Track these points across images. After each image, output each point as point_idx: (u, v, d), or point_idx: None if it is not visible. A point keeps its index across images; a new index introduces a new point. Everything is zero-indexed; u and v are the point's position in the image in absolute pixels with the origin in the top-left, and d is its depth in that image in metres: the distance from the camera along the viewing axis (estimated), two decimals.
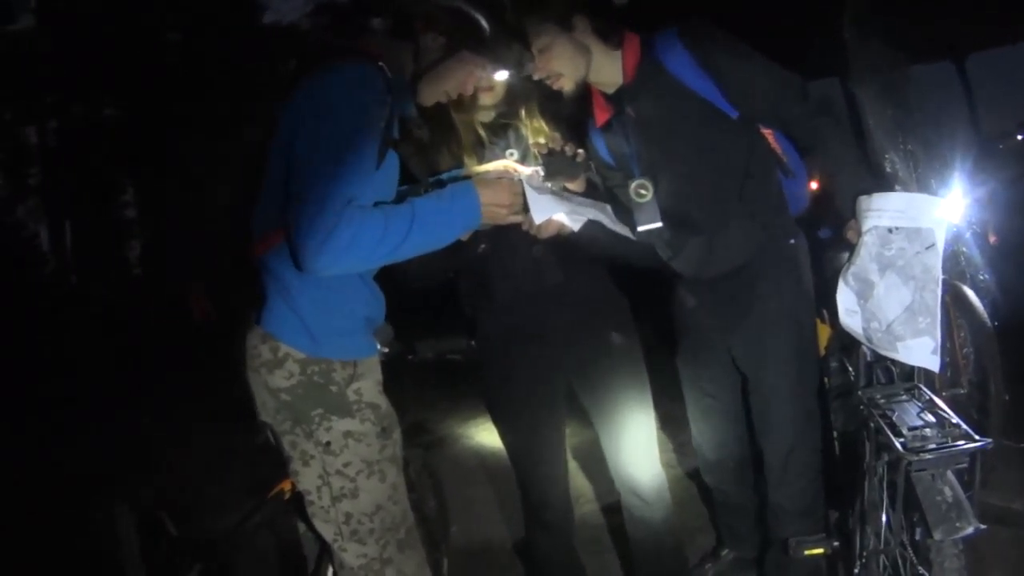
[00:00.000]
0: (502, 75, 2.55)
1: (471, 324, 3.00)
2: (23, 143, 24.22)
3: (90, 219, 23.31)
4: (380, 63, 2.23)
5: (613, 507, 3.50)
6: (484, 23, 2.32)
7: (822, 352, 3.20)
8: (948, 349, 3.77)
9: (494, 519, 4.56)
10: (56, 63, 21.80)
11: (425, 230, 2.19)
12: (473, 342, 2.94)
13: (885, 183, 2.99)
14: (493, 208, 2.35)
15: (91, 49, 20.76)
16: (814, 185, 3.34)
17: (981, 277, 4.32)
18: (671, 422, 4.41)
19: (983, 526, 2.07)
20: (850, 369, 2.98)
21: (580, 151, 2.68)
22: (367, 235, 2.07)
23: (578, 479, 4.64)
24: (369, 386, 2.33)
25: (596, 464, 3.92)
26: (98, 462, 5.83)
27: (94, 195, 23.05)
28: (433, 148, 2.83)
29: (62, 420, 7.94)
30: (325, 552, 2.53)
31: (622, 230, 2.73)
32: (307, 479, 2.30)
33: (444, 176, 2.66)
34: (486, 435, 5.74)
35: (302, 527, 2.65)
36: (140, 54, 20.77)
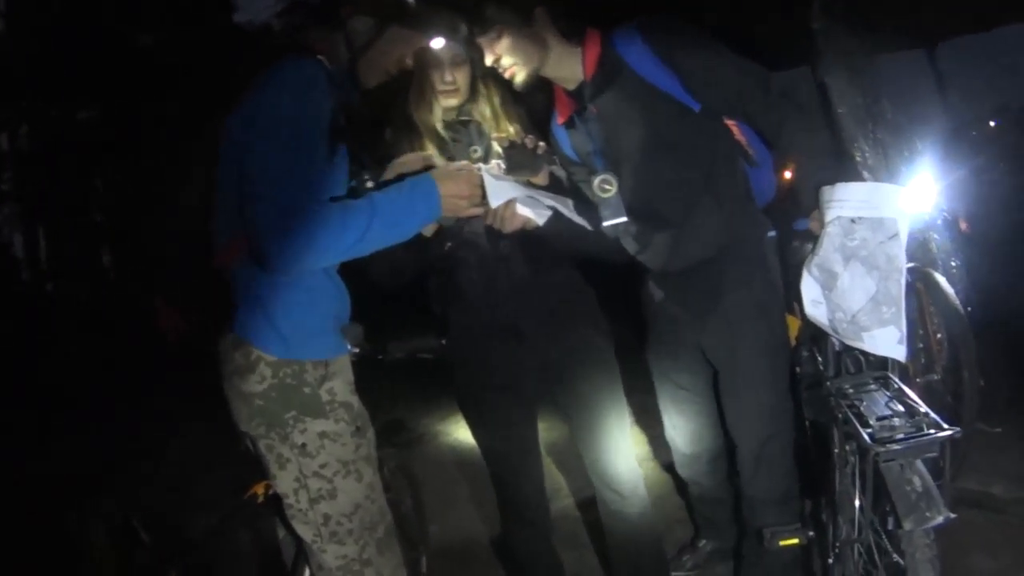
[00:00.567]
0: (438, 43, 2.55)
1: (441, 322, 2.99)
2: None
3: (64, 224, 23.19)
4: (319, 56, 2.25)
5: (590, 502, 3.49)
6: None
7: (793, 343, 3.20)
8: (921, 336, 3.80)
9: (472, 517, 4.57)
10: (27, 68, 21.67)
11: (385, 223, 2.21)
12: (444, 340, 2.93)
13: (850, 172, 3.00)
14: (453, 199, 2.36)
15: (63, 53, 20.65)
16: (788, 175, 3.35)
17: (952, 264, 4.36)
18: (646, 415, 4.41)
19: (953, 515, 2.08)
20: (819, 359, 2.99)
21: (542, 144, 2.69)
22: (326, 231, 2.08)
23: (554, 474, 4.65)
24: (341, 385, 2.34)
25: (571, 459, 3.93)
26: (74, 468, 5.81)
27: (68, 200, 22.93)
28: (395, 147, 2.82)
29: (39, 425, 7.93)
30: (302, 554, 2.52)
31: (583, 222, 2.73)
32: (284, 482, 2.30)
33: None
34: (462, 433, 5.72)
35: (280, 529, 2.65)
36: (113, 57, 20.68)
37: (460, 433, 5.82)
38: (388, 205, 2.23)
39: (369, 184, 2.41)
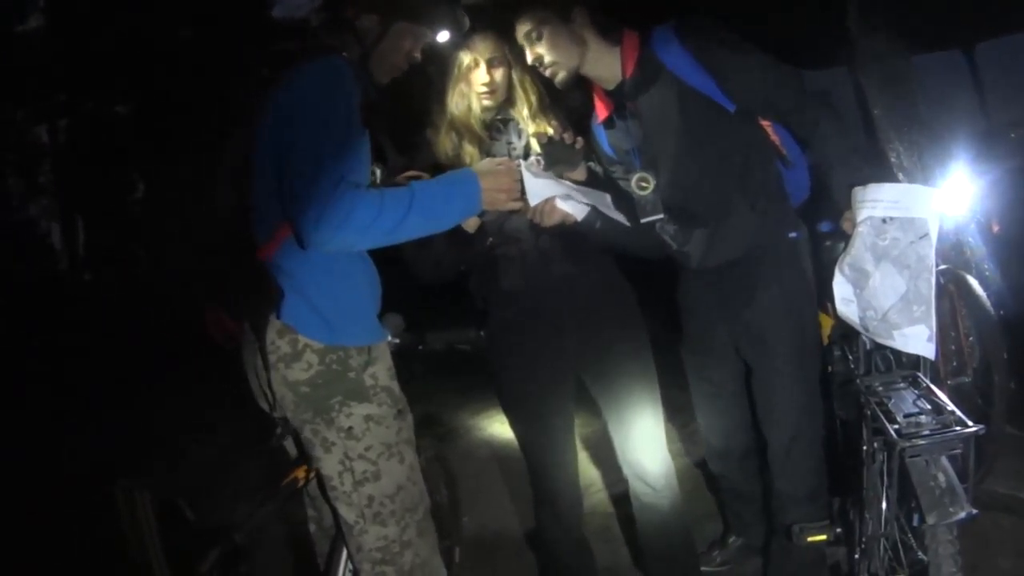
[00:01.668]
0: (443, 36, 2.61)
1: (482, 316, 3.05)
2: (34, 142, 24.28)
3: (101, 217, 23.38)
4: (343, 53, 2.35)
5: (622, 496, 3.54)
6: None
7: (825, 341, 3.23)
8: (953, 338, 3.79)
9: (504, 510, 4.60)
10: (67, 62, 21.84)
11: (424, 212, 2.28)
12: (483, 333, 2.99)
13: (885, 173, 3.02)
14: (492, 193, 2.42)
15: (102, 47, 20.80)
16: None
17: (985, 266, 4.34)
18: (680, 412, 4.43)
19: (975, 511, 2.12)
20: (850, 358, 3.02)
21: (579, 139, 2.74)
22: (362, 211, 2.15)
23: (587, 468, 4.68)
24: (382, 371, 2.42)
25: (604, 453, 3.97)
26: (116, 450, 5.91)
27: (105, 193, 23.13)
28: (436, 146, 2.91)
29: (81, 410, 8.06)
30: (339, 538, 2.59)
31: (620, 218, 2.79)
32: (329, 465, 2.37)
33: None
34: (495, 428, 5.77)
35: (312, 514, 2.72)
36: (150, 51, 20.83)
37: (493, 428, 5.85)
38: (427, 195, 2.30)
39: (377, 172, 2.49)
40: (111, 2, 20.31)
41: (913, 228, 2.38)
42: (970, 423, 2.22)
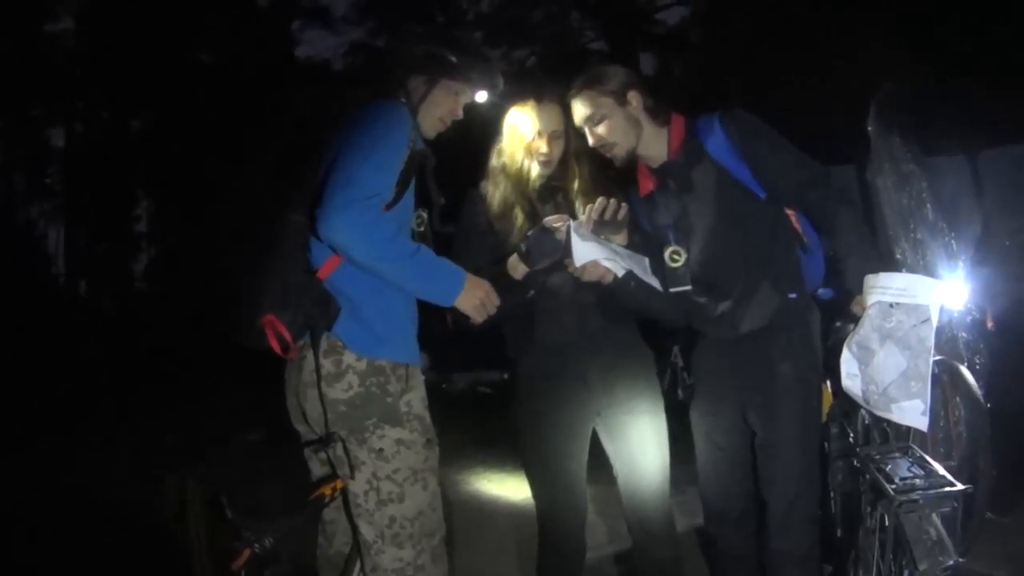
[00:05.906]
0: (481, 96, 2.88)
1: (512, 363, 3.22)
2: (46, 143, 24.27)
3: (104, 227, 23.34)
4: (403, 101, 2.61)
5: (623, 552, 3.61)
6: (451, 55, 2.71)
7: (823, 418, 3.36)
8: (943, 427, 3.98)
9: (496, 559, 4.73)
10: (91, 68, 21.98)
11: (416, 269, 2.50)
12: (505, 376, 3.17)
13: (891, 264, 3.26)
14: (467, 296, 2.63)
15: (127, 60, 20.97)
16: None
17: (977, 360, 4.54)
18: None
19: (962, 559, 2.35)
20: (850, 432, 3.23)
21: (624, 205, 2.95)
22: (381, 230, 2.38)
23: (590, 522, 4.72)
24: (417, 400, 2.60)
25: (607, 510, 4.10)
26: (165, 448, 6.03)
27: (110, 204, 23.09)
28: (490, 201, 3.15)
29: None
30: (354, 557, 2.71)
31: (654, 282, 2.98)
32: (356, 484, 2.54)
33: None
34: (482, 484, 5.85)
35: (321, 541, 2.85)
36: (173, 72, 21.00)
37: (479, 484, 5.91)
38: (427, 260, 2.54)
39: (420, 228, 2.71)
40: (143, 19, 20.47)
41: (917, 313, 2.63)
42: (959, 484, 2.47)
